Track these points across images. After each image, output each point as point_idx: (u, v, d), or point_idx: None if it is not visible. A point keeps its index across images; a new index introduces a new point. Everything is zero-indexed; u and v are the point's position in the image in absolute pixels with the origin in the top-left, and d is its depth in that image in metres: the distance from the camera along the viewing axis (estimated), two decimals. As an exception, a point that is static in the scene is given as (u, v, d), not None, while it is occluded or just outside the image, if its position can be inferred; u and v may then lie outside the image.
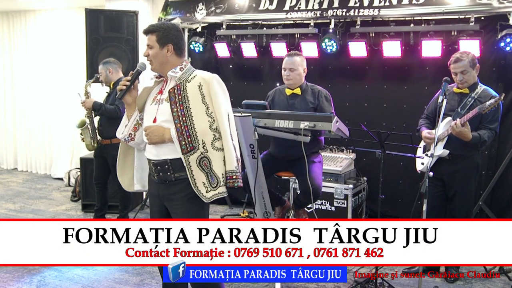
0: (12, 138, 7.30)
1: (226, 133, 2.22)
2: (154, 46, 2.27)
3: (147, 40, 2.29)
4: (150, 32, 2.28)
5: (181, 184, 2.23)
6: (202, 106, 2.23)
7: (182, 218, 2.17)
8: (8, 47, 7.08)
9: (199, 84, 2.26)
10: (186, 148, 2.18)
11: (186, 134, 2.19)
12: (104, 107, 4.24)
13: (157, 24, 2.33)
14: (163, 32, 2.28)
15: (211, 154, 2.19)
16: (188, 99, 2.23)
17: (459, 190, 3.33)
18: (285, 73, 3.36)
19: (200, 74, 2.31)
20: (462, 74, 3.24)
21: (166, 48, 2.28)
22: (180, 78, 2.29)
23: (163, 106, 2.27)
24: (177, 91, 2.25)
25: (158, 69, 2.33)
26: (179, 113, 2.22)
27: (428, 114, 3.57)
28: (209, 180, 2.18)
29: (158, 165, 2.26)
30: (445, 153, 3.28)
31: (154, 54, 2.28)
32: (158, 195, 2.34)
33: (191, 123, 2.20)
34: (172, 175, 2.24)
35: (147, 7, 5.48)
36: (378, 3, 4.33)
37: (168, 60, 2.30)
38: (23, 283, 3.40)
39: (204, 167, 2.19)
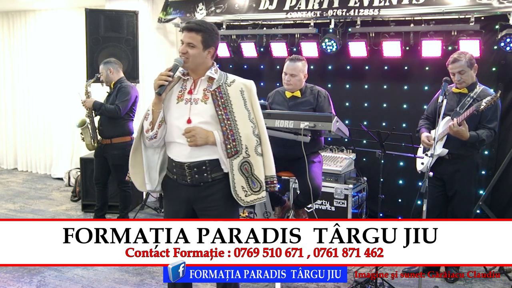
0: (12, 138, 7.30)
1: (267, 140, 2.27)
2: (197, 46, 2.18)
3: (189, 38, 2.18)
4: (195, 30, 2.18)
5: (218, 185, 2.21)
6: (245, 111, 2.22)
7: (218, 219, 2.12)
8: (8, 47, 7.08)
9: (240, 89, 2.24)
10: (231, 152, 2.16)
11: (231, 138, 2.17)
12: (104, 106, 4.24)
13: (202, 23, 2.22)
14: (209, 34, 2.21)
15: (253, 159, 2.19)
16: (231, 103, 2.20)
17: (459, 189, 3.33)
18: (285, 78, 3.34)
19: (238, 79, 2.29)
20: (460, 74, 3.24)
21: (207, 51, 2.22)
22: (219, 80, 2.25)
23: (199, 107, 2.20)
24: (218, 93, 2.21)
25: (191, 68, 2.25)
26: (224, 116, 2.18)
27: (428, 114, 3.58)
28: (249, 185, 2.18)
29: (194, 167, 2.19)
30: (444, 152, 3.28)
31: (195, 54, 2.18)
32: (187, 198, 2.25)
33: (235, 127, 2.18)
34: (209, 176, 2.20)
35: (147, 7, 5.48)
36: (378, 3, 4.33)
37: (205, 61, 2.24)
38: (23, 283, 3.40)
39: (245, 171, 2.18)
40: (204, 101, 2.20)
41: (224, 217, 2.15)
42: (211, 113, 2.19)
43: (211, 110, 2.19)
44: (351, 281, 3.38)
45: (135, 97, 4.38)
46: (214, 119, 2.19)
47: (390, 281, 3.26)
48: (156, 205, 5.32)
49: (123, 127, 4.35)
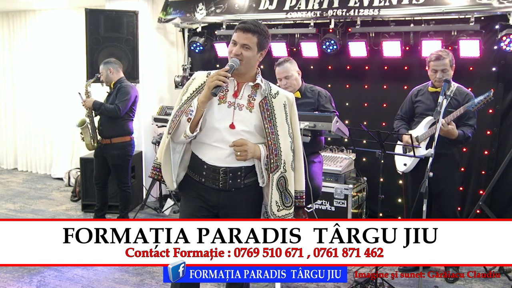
0: (12, 138, 7.30)
1: (301, 154, 2.26)
2: (252, 48, 2.10)
3: (244, 39, 2.09)
4: (252, 31, 2.09)
5: (248, 192, 2.19)
6: (286, 126, 2.18)
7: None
8: (8, 47, 7.08)
9: (284, 102, 2.20)
10: (273, 167, 2.12)
11: (274, 152, 2.12)
12: (104, 106, 4.24)
13: (258, 24, 2.13)
14: (264, 36, 2.14)
15: (288, 174, 2.15)
16: (275, 116, 2.15)
17: (444, 188, 3.38)
18: (281, 83, 3.31)
19: (281, 91, 2.25)
20: (443, 72, 3.30)
21: (260, 53, 2.16)
22: (264, 90, 2.18)
23: (243, 114, 2.13)
24: (265, 105, 2.15)
25: (243, 71, 2.14)
26: (269, 130, 2.12)
27: (403, 114, 3.62)
28: (282, 200, 2.14)
29: (231, 173, 2.14)
30: (430, 153, 3.29)
31: (250, 56, 2.11)
32: (216, 203, 2.17)
33: (277, 141, 2.13)
34: (242, 182, 2.16)
35: (147, 7, 5.48)
36: (378, 3, 4.33)
37: (256, 64, 2.18)
38: (23, 283, 3.40)
39: (280, 186, 2.14)
40: (249, 109, 2.14)
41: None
42: (255, 123, 2.13)
43: (255, 120, 2.13)
44: (351, 281, 3.39)
45: (135, 97, 4.39)
46: (257, 130, 2.14)
47: (390, 281, 3.26)
48: (156, 205, 5.32)
49: (123, 127, 4.35)
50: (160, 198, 5.25)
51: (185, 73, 5.52)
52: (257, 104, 2.14)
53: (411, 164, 3.40)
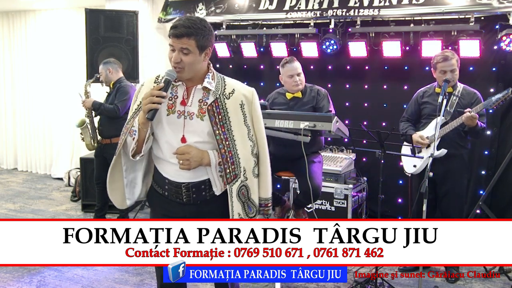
0: (12, 138, 7.30)
1: (267, 158, 2.04)
2: (193, 51, 1.85)
3: (180, 44, 1.84)
4: (187, 35, 1.83)
5: (214, 203, 2.04)
6: (244, 129, 1.97)
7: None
8: (8, 47, 7.08)
9: (240, 102, 1.97)
10: (230, 177, 1.95)
11: (230, 161, 1.93)
12: (103, 106, 4.24)
13: (192, 24, 1.85)
14: (203, 35, 1.87)
15: (250, 182, 1.99)
16: (229, 119, 1.94)
17: (451, 188, 3.38)
18: (293, 80, 3.35)
19: (238, 87, 2.00)
20: (452, 73, 3.30)
21: (204, 53, 1.91)
22: (216, 91, 1.95)
23: (194, 124, 1.94)
24: (215, 108, 1.93)
25: (188, 77, 1.93)
26: (222, 136, 1.92)
27: (409, 116, 3.62)
28: (245, 210, 2.01)
29: (193, 187, 2.00)
30: (443, 153, 3.30)
31: (192, 61, 1.87)
32: (183, 217, 2.02)
33: (234, 148, 1.94)
34: (207, 194, 2.02)
35: (147, 7, 5.48)
36: (378, 3, 4.33)
37: (202, 66, 1.94)
38: (23, 283, 3.40)
39: (242, 196, 1.99)
40: (200, 117, 1.93)
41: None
42: (207, 131, 1.94)
43: (208, 127, 1.93)
44: (351, 281, 3.39)
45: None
46: (211, 137, 1.95)
47: (390, 281, 3.26)
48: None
49: (123, 127, 4.34)
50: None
51: (185, 73, 5.51)
52: (207, 109, 1.93)
53: (421, 165, 3.39)
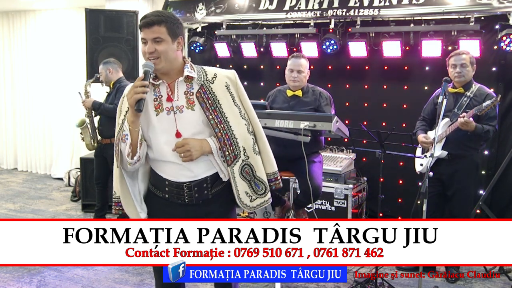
0: (12, 138, 7.30)
1: (262, 134, 2.06)
2: (165, 39, 1.88)
3: (152, 33, 1.87)
4: (157, 23, 1.87)
5: (218, 200, 2.03)
6: (235, 109, 1.98)
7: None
8: (8, 47, 7.08)
9: (226, 84, 1.99)
10: (230, 159, 1.95)
11: (228, 142, 1.94)
12: (103, 106, 4.25)
13: (160, 13, 1.92)
14: (173, 22, 1.91)
15: (252, 160, 2.00)
16: (219, 102, 1.95)
17: (458, 189, 3.36)
18: (292, 74, 3.36)
19: (219, 71, 2.03)
20: (462, 67, 3.32)
21: (177, 41, 1.93)
22: (199, 78, 1.98)
23: (186, 115, 1.93)
24: (203, 94, 1.94)
25: (166, 68, 1.93)
26: (216, 120, 1.93)
27: (425, 115, 3.62)
28: (253, 188, 2.01)
29: (195, 186, 1.97)
30: (444, 154, 3.31)
31: (165, 49, 1.89)
32: (185, 218, 1.99)
33: (229, 129, 1.95)
34: (209, 192, 2.00)
35: (147, 7, 5.48)
36: (378, 3, 4.33)
37: (177, 56, 1.95)
38: (23, 283, 3.40)
39: (246, 175, 1.99)
40: (190, 108, 1.93)
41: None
42: (201, 120, 1.94)
43: (201, 116, 1.93)
44: (351, 281, 3.39)
45: (135, 96, 4.38)
46: (206, 125, 1.95)
47: (390, 281, 3.26)
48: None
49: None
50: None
51: (185, 73, 5.52)
52: (195, 97, 1.95)
53: (425, 164, 3.40)
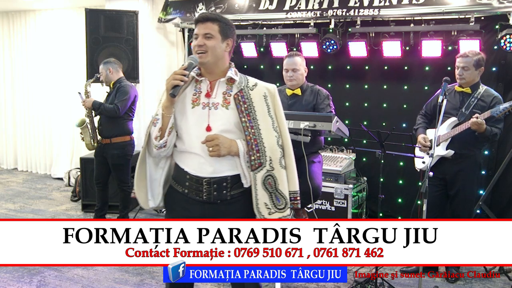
0: (12, 138, 7.30)
1: (291, 151, 2.08)
2: (215, 36, 1.97)
3: (204, 29, 1.97)
4: (211, 20, 1.98)
5: (236, 204, 2.04)
6: (269, 119, 2.01)
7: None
8: (8, 47, 7.08)
9: (264, 94, 2.03)
10: (255, 164, 1.96)
11: (255, 148, 1.96)
12: (103, 106, 4.25)
13: (216, 14, 2.04)
14: (226, 24, 2.01)
15: (277, 172, 2.00)
16: (254, 109, 1.99)
17: (461, 188, 3.36)
18: (287, 74, 3.37)
19: (260, 82, 2.08)
20: (463, 69, 3.30)
21: (226, 42, 2.01)
22: (240, 83, 2.03)
23: (219, 113, 1.98)
24: (241, 98, 1.99)
25: (210, 64, 2.00)
26: (248, 124, 1.97)
27: (427, 111, 3.61)
28: (273, 201, 2.00)
29: (215, 183, 1.98)
30: (450, 153, 3.31)
31: (214, 45, 1.96)
32: (202, 217, 1.99)
33: (259, 136, 1.98)
34: (228, 193, 2.01)
35: (147, 7, 5.48)
36: (378, 3, 4.33)
37: (224, 57, 2.03)
38: (23, 283, 3.40)
39: (269, 186, 1.99)
40: (225, 106, 1.99)
41: None
42: (233, 120, 1.98)
43: (233, 117, 1.98)
44: (351, 281, 3.39)
45: (134, 96, 4.39)
46: (237, 127, 1.99)
47: (390, 281, 3.26)
48: (156, 205, 5.31)
49: (123, 126, 4.35)
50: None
51: (185, 73, 5.52)
52: (232, 99, 2.00)
53: (427, 163, 3.40)
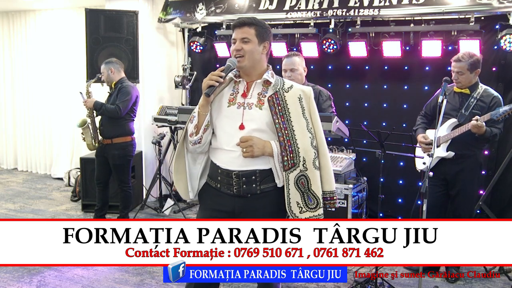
0: (12, 138, 7.30)
1: (326, 152, 2.12)
2: (252, 40, 2.05)
3: (241, 33, 2.06)
4: (248, 24, 2.06)
5: (266, 198, 2.08)
6: (303, 121, 2.06)
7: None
8: (8, 47, 7.08)
9: (299, 96, 2.09)
10: (288, 165, 2.01)
11: (289, 149, 2.01)
12: (104, 106, 4.24)
13: (253, 18, 2.10)
14: (263, 27, 2.09)
15: (310, 172, 2.04)
16: (288, 111, 2.05)
17: (462, 189, 3.37)
18: (286, 75, 3.37)
19: (296, 85, 2.15)
20: (458, 74, 3.30)
21: (263, 45, 2.10)
22: (275, 85, 2.10)
23: (253, 113, 2.05)
24: (275, 100, 2.06)
25: (248, 67, 2.09)
26: (281, 125, 2.02)
27: (427, 112, 3.61)
28: (305, 201, 2.04)
29: (244, 176, 2.04)
30: (451, 155, 3.30)
31: (252, 49, 2.05)
32: (232, 210, 2.09)
33: (293, 137, 2.03)
34: (258, 187, 2.06)
35: (147, 7, 5.48)
36: (378, 3, 4.33)
37: (261, 60, 2.12)
38: (23, 283, 3.40)
39: (301, 186, 2.03)
40: (259, 107, 2.06)
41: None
42: (266, 120, 2.04)
43: (266, 117, 2.04)
44: (351, 281, 3.39)
45: (136, 97, 4.39)
46: (269, 127, 2.05)
47: (390, 281, 3.26)
48: (156, 205, 5.32)
49: (124, 127, 4.35)
50: (160, 198, 5.25)
51: (185, 73, 5.52)
52: (267, 100, 2.06)
53: (428, 163, 3.40)
